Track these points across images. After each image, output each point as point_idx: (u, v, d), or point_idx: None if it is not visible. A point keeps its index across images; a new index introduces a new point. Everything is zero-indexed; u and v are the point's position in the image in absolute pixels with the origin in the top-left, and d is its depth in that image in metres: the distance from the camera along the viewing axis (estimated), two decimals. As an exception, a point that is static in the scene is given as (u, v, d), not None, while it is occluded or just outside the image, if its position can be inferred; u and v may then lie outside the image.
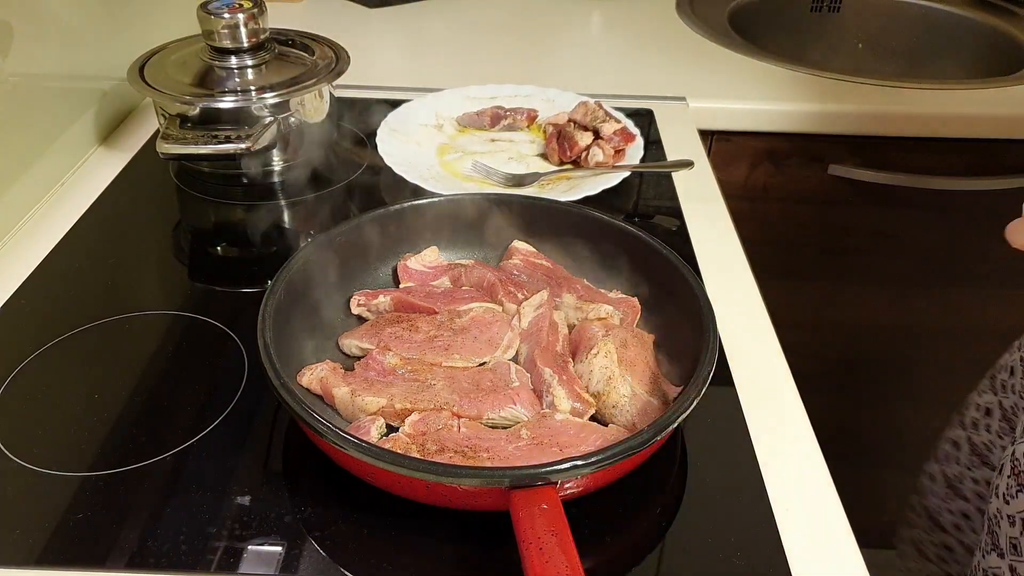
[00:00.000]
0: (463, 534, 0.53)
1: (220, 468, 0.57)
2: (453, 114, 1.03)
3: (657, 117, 1.07)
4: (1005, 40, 1.41)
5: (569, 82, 1.09)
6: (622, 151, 0.93)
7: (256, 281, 0.77)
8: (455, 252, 0.76)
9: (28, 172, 0.85)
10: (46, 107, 0.88)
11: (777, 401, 0.65)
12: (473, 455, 0.54)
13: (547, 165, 0.96)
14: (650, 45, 1.33)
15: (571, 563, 0.43)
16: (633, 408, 0.58)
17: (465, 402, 0.59)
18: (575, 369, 0.62)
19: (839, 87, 1.17)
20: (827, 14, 1.62)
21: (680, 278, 0.64)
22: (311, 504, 0.55)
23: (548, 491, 0.47)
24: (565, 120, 0.96)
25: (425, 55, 1.29)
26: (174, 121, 0.86)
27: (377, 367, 0.62)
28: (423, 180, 0.86)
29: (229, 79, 0.88)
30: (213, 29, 0.87)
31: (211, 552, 0.51)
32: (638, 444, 0.49)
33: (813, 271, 1.30)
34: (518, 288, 0.70)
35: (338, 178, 0.94)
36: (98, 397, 0.63)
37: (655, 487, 0.57)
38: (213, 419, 0.61)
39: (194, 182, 0.92)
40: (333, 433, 0.49)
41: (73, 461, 0.57)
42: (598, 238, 0.72)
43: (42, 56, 0.87)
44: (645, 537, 0.54)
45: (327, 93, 0.94)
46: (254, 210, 0.89)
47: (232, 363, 0.66)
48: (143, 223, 0.87)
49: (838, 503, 0.57)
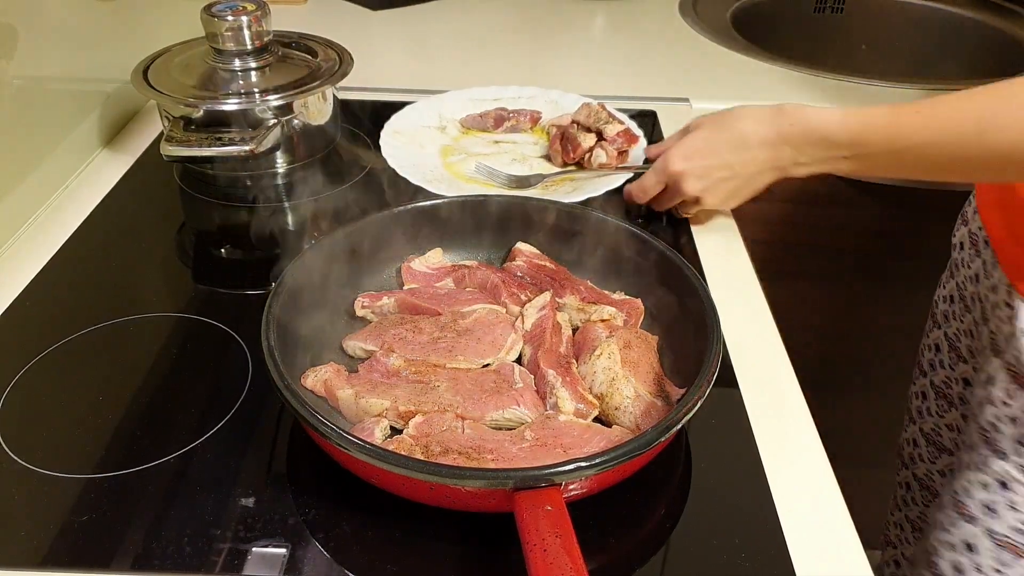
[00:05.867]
0: (467, 536, 0.53)
1: (224, 470, 0.57)
2: (456, 116, 1.03)
3: (660, 118, 1.07)
4: (1008, 40, 1.41)
5: (572, 83, 1.09)
6: (625, 152, 0.93)
7: (260, 283, 0.77)
8: (459, 254, 0.76)
9: (32, 175, 0.85)
10: (50, 110, 0.88)
11: (781, 402, 0.65)
12: (477, 457, 0.54)
13: (550, 167, 0.96)
14: (653, 46, 1.33)
15: (575, 565, 0.43)
16: (637, 409, 0.58)
17: (469, 404, 0.59)
18: (578, 370, 0.62)
19: (842, 88, 1.17)
20: (830, 15, 1.62)
21: (683, 279, 0.64)
22: (315, 506, 0.55)
23: (552, 493, 0.47)
24: (568, 122, 0.96)
25: (428, 57, 1.29)
26: (178, 123, 0.86)
27: (381, 369, 0.62)
28: (426, 182, 0.86)
29: (233, 81, 0.89)
30: (217, 31, 0.87)
31: (215, 554, 0.51)
32: (642, 445, 0.49)
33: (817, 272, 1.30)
34: (521, 290, 0.70)
35: (342, 180, 0.94)
36: (102, 399, 0.63)
37: (659, 488, 0.57)
38: (217, 421, 0.61)
39: (198, 184, 0.92)
40: (337, 435, 0.49)
41: (78, 463, 0.58)
42: (601, 239, 0.72)
43: (46, 59, 0.87)
44: (649, 539, 0.54)
45: (330, 95, 0.95)
46: (258, 212, 0.89)
47: (236, 365, 0.66)
48: (147, 225, 0.87)
49: (842, 504, 0.57)
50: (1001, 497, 0.72)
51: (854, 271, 1.30)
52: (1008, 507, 0.72)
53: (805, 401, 0.65)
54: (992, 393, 0.73)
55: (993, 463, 0.73)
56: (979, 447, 0.75)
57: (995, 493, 0.73)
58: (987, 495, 0.73)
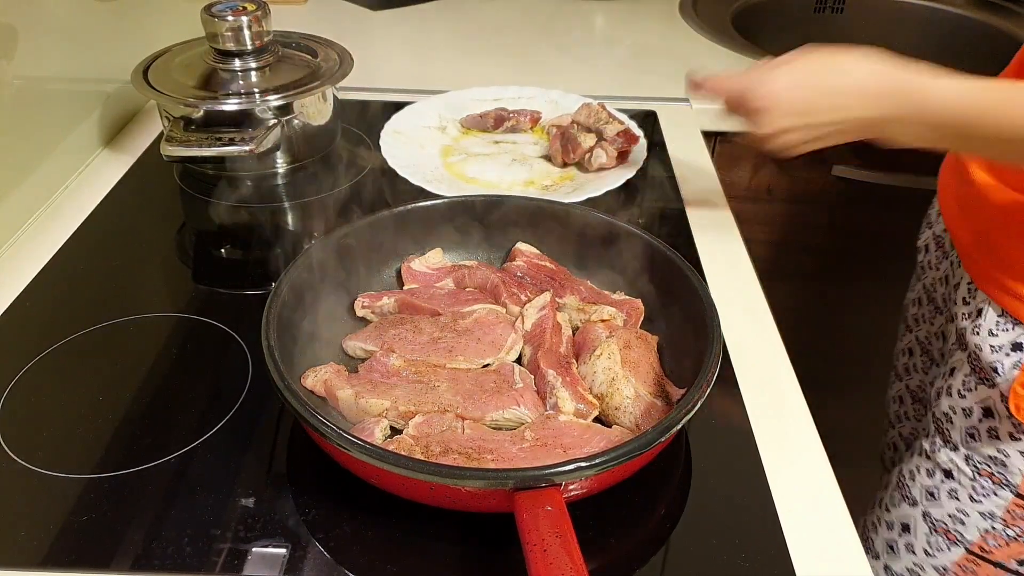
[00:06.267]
0: (467, 536, 0.53)
1: (224, 470, 0.57)
2: (456, 116, 1.03)
3: (661, 119, 1.07)
4: (1008, 40, 1.41)
5: (572, 84, 1.09)
6: (625, 153, 0.93)
7: (260, 283, 0.77)
8: (459, 254, 0.76)
9: (33, 175, 0.85)
10: (50, 110, 0.88)
11: (781, 402, 0.65)
12: (477, 457, 0.54)
13: (550, 167, 0.96)
14: (654, 46, 1.33)
15: (575, 565, 0.43)
16: (637, 409, 0.58)
17: (469, 404, 0.58)
18: (578, 370, 0.62)
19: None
20: (830, 15, 1.62)
21: (684, 279, 0.64)
22: (315, 506, 0.55)
23: (552, 493, 0.47)
24: (568, 122, 0.96)
25: (428, 57, 1.29)
26: (178, 124, 0.86)
27: (381, 369, 0.62)
28: (427, 182, 0.86)
29: (233, 81, 0.89)
30: (217, 32, 0.87)
31: (216, 554, 0.51)
32: (642, 445, 0.49)
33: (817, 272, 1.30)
34: (521, 290, 0.70)
35: (342, 180, 0.94)
36: (102, 399, 0.63)
37: (659, 489, 0.57)
38: (217, 421, 0.61)
39: (198, 184, 0.92)
40: (337, 435, 0.49)
41: (78, 463, 0.58)
42: (601, 240, 0.72)
43: (46, 59, 0.87)
44: (649, 539, 0.54)
45: (331, 95, 0.95)
46: (258, 212, 0.90)
47: (236, 365, 0.66)
48: (147, 225, 0.87)
49: (843, 504, 0.57)
50: (944, 485, 0.74)
51: (854, 271, 1.30)
52: (949, 495, 0.74)
53: (805, 401, 0.65)
54: (951, 384, 0.74)
55: (941, 452, 0.75)
56: (932, 435, 0.76)
57: (938, 480, 0.75)
58: (930, 481, 0.75)
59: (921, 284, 0.88)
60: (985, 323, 0.70)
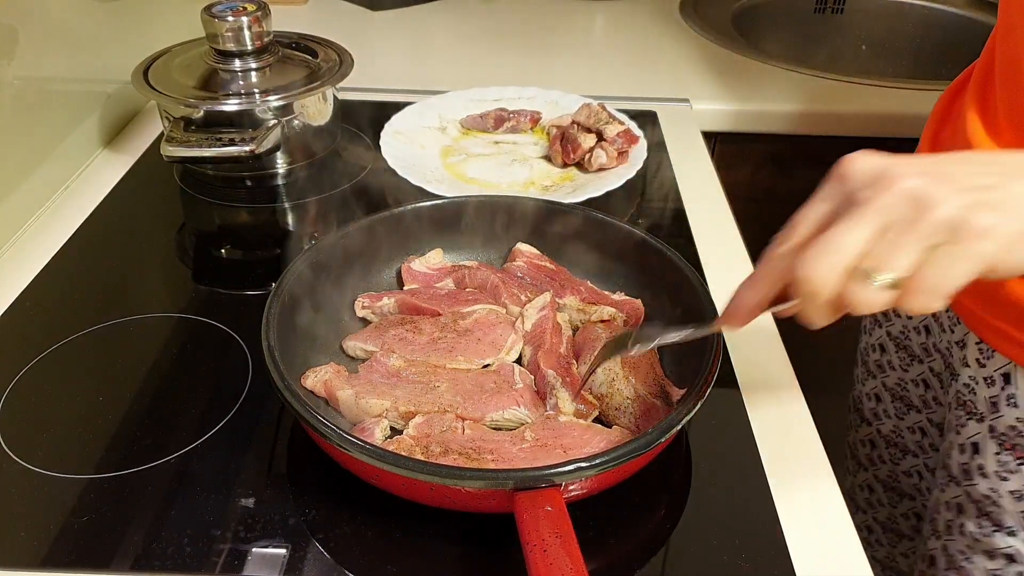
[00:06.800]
0: (467, 536, 0.53)
1: (224, 470, 0.57)
2: (457, 116, 1.03)
3: (661, 119, 1.07)
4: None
5: (573, 84, 1.10)
6: (625, 153, 0.93)
7: (260, 283, 0.77)
8: (459, 254, 0.76)
9: (33, 175, 0.85)
10: (50, 110, 0.88)
11: (781, 402, 0.65)
12: (477, 457, 0.54)
13: (550, 167, 0.96)
14: (653, 47, 1.33)
15: (575, 565, 0.43)
16: (637, 410, 0.58)
17: (469, 404, 0.59)
18: (579, 371, 0.62)
19: (843, 89, 1.17)
20: (830, 16, 1.62)
21: (684, 280, 0.64)
22: (315, 506, 0.55)
23: (552, 493, 0.47)
24: (568, 122, 0.96)
25: (429, 57, 1.29)
26: (178, 124, 0.86)
27: (381, 369, 0.62)
28: (427, 182, 0.86)
29: (233, 82, 0.89)
30: (217, 32, 0.87)
31: (215, 554, 0.51)
32: (642, 446, 0.49)
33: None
34: (521, 290, 0.70)
35: (342, 181, 0.94)
36: (102, 399, 0.63)
37: (659, 489, 0.57)
38: (217, 421, 0.61)
39: (198, 185, 0.92)
40: (337, 435, 0.49)
41: (78, 463, 0.58)
42: (601, 240, 0.72)
43: (46, 59, 0.87)
44: (649, 539, 0.54)
45: (331, 96, 0.95)
46: (258, 213, 0.90)
47: (236, 365, 0.66)
48: (147, 226, 0.87)
49: (843, 504, 0.57)
50: (1012, 571, 0.69)
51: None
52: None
53: (805, 401, 0.65)
54: (982, 464, 0.69)
55: (999, 539, 0.69)
56: (976, 518, 0.71)
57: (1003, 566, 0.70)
58: (992, 564, 0.70)
59: (883, 331, 0.84)
60: (1020, 392, 0.64)
